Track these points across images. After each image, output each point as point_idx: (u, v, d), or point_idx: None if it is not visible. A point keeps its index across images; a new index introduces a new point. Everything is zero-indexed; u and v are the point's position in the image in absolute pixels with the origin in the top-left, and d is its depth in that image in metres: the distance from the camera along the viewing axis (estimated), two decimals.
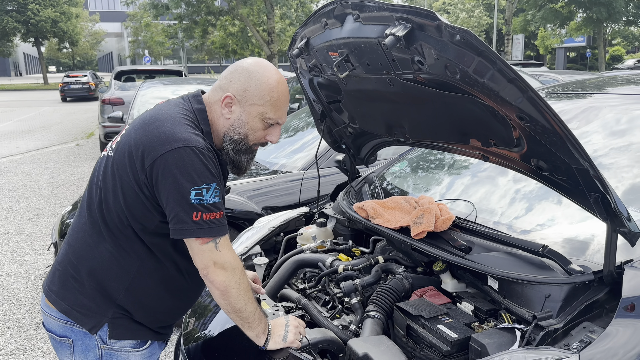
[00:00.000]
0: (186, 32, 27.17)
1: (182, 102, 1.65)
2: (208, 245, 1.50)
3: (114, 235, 1.58)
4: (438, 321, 1.70)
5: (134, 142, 1.53)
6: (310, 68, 2.30)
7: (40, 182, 8.31)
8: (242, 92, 1.60)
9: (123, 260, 1.59)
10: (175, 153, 1.45)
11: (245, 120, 1.62)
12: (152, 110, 1.65)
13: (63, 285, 1.63)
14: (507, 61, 1.36)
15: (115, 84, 11.31)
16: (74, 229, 1.68)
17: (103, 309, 1.59)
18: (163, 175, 1.46)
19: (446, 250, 1.89)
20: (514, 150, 1.67)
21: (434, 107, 1.79)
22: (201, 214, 1.47)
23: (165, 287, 1.65)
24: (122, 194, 1.54)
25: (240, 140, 1.64)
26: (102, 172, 1.61)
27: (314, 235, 2.58)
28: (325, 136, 2.79)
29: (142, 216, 1.54)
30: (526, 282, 1.63)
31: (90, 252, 1.60)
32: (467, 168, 2.59)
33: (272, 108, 1.62)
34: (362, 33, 1.77)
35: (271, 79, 1.60)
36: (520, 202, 2.13)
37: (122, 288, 1.59)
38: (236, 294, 1.55)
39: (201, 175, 1.47)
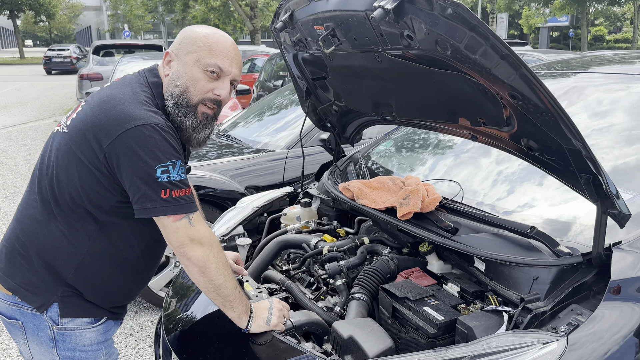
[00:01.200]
0: (167, 6, 26.57)
1: (138, 77, 1.59)
2: (182, 222, 1.46)
3: (64, 214, 1.52)
4: (424, 303, 1.67)
5: (91, 120, 1.47)
6: (295, 43, 2.22)
7: (16, 160, 8.11)
8: (177, 45, 1.58)
9: (74, 239, 1.53)
10: (135, 131, 1.40)
11: (183, 71, 1.54)
12: (109, 88, 1.58)
13: (10, 262, 1.58)
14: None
15: (93, 59, 11.02)
16: (23, 205, 1.61)
17: (52, 287, 1.55)
18: (125, 155, 1.40)
19: (432, 231, 1.86)
20: (503, 130, 1.63)
21: (423, 85, 1.74)
22: (170, 191, 1.42)
23: (117, 267, 1.61)
24: (77, 172, 1.48)
25: (181, 94, 1.54)
26: (56, 149, 1.54)
27: (298, 215, 2.53)
28: (310, 114, 2.72)
29: (97, 196, 1.49)
30: (514, 264, 1.61)
31: (39, 229, 1.54)
32: (452, 148, 2.56)
33: (208, 52, 1.53)
34: (349, 5, 1.70)
35: (206, 29, 1.58)
36: (507, 183, 2.10)
37: (71, 267, 1.54)
38: (215, 269, 1.51)
39: (165, 153, 1.42)
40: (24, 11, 40.96)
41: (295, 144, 4.06)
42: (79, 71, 10.66)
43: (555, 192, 1.91)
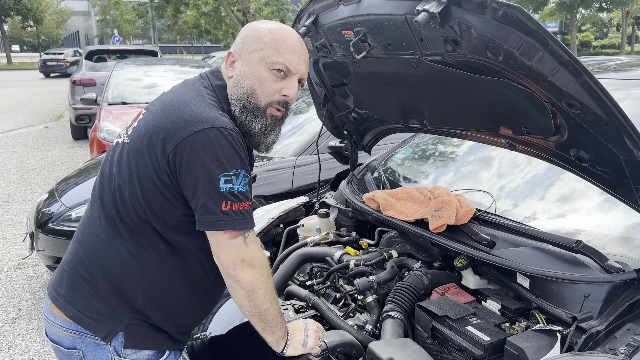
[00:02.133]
0: (157, 11, 26.37)
1: (201, 80, 1.50)
2: (237, 240, 1.35)
3: (130, 231, 1.40)
4: (466, 322, 1.59)
5: (154, 126, 1.36)
6: (318, 48, 2.14)
7: (8, 167, 7.92)
8: (240, 44, 1.47)
9: (142, 259, 1.41)
10: (201, 135, 1.29)
11: (248, 71, 1.44)
12: (171, 93, 1.48)
13: (72, 287, 1.44)
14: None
15: (86, 64, 10.84)
16: (85, 225, 1.49)
17: (118, 314, 1.42)
18: (189, 160, 1.30)
19: (469, 245, 1.78)
20: (550, 139, 1.55)
21: (462, 92, 1.66)
22: (231, 204, 1.31)
23: (188, 287, 1.49)
24: (139, 185, 1.37)
25: (247, 97, 1.44)
26: (117, 162, 1.43)
27: (318, 227, 2.44)
28: (326, 121, 2.64)
29: (162, 210, 1.38)
30: (563, 280, 1.53)
31: (104, 250, 1.42)
32: (477, 154, 2.47)
33: (274, 50, 1.42)
34: (385, 9, 1.62)
35: (268, 25, 1.46)
36: (542, 192, 2.02)
37: (140, 289, 1.42)
38: (263, 295, 1.40)
39: (230, 160, 1.31)
40: (11, 16, 40.49)
41: (303, 151, 3.97)
42: (72, 77, 10.46)
43: (597, 202, 1.84)
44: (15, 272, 4.35)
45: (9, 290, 4.04)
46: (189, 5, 26.23)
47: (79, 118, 9.32)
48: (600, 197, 1.81)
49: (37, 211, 3.82)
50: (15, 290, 4.04)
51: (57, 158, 8.55)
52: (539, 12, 31.19)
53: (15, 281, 4.19)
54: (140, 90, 7.41)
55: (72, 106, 9.44)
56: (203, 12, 26.65)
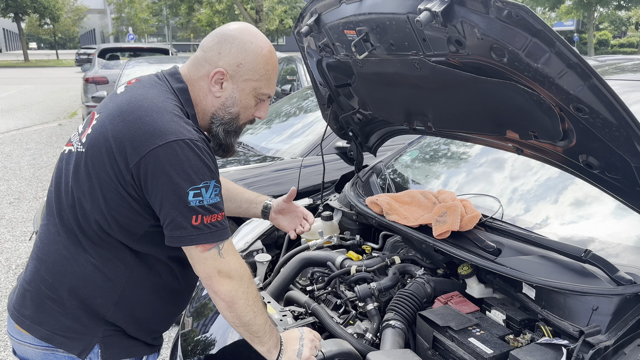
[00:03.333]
0: (171, 9, 26.52)
1: (159, 82, 1.40)
2: (210, 253, 1.30)
3: (94, 244, 1.35)
4: (469, 333, 1.53)
5: (113, 135, 1.28)
6: (321, 48, 2.09)
7: (21, 164, 7.99)
8: (235, 66, 1.40)
9: (109, 272, 1.36)
10: (167, 148, 1.23)
11: (239, 98, 1.43)
12: (127, 95, 1.37)
13: (38, 308, 1.38)
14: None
15: (99, 62, 10.90)
16: (44, 241, 1.42)
17: (91, 329, 1.38)
18: (154, 175, 1.24)
19: (473, 252, 1.72)
20: (558, 144, 1.48)
21: (467, 94, 1.60)
22: (201, 217, 1.27)
23: (158, 294, 1.45)
24: (103, 197, 1.30)
25: (231, 121, 1.46)
26: (74, 172, 1.35)
27: (320, 230, 2.39)
28: (331, 122, 2.59)
29: (128, 222, 1.32)
30: (570, 292, 1.46)
31: (68, 266, 1.36)
32: (485, 158, 2.41)
33: (266, 82, 1.45)
34: (386, 8, 1.56)
35: (265, 49, 1.43)
36: (551, 198, 1.95)
37: (110, 303, 1.38)
38: (244, 305, 1.35)
39: (199, 173, 1.26)
40: (28, 14, 40.99)
41: (309, 151, 3.93)
42: (84, 74, 10.53)
43: (609, 209, 1.77)
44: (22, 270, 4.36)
45: None
46: (202, 3, 26.34)
47: None
48: (612, 204, 1.74)
49: (43, 210, 3.82)
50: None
51: None
52: (556, 10, 30.80)
53: None
54: None
55: (85, 104, 9.50)
56: (216, 10, 26.77)
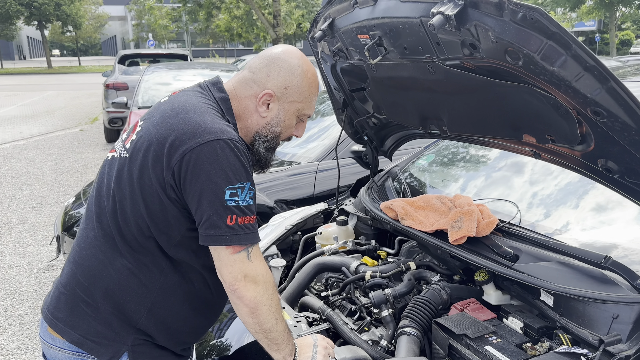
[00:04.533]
0: (190, 15, 26.81)
1: (202, 91, 1.45)
2: (240, 255, 1.30)
3: (132, 249, 1.36)
4: (485, 341, 1.50)
5: (157, 138, 1.32)
6: (334, 52, 2.08)
7: (43, 169, 8.14)
8: (282, 88, 1.46)
9: (144, 277, 1.38)
10: (207, 146, 1.26)
11: (283, 119, 1.49)
12: (170, 102, 1.43)
13: (72, 311, 1.40)
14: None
15: (119, 69, 11.06)
16: (81, 245, 1.44)
17: (122, 336, 1.38)
18: (193, 173, 1.26)
19: (490, 258, 1.69)
20: (576, 149, 1.45)
21: (482, 98, 1.57)
22: (236, 218, 1.27)
23: (190, 303, 1.45)
24: (144, 200, 1.32)
25: (273, 139, 1.51)
26: (116, 177, 1.38)
27: (336, 235, 2.38)
28: (346, 127, 2.58)
29: (166, 225, 1.34)
30: (589, 299, 1.43)
31: (104, 270, 1.38)
32: (503, 162, 2.37)
33: (309, 104, 1.51)
34: (400, 12, 1.55)
35: (310, 72, 1.49)
36: (570, 203, 1.91)
37: (143, 309, 1.39)
38: (267, 312, 1.34)
39: (236, 173, 1.27)
40: (51, 22, 41.83)
41: (325, 156, 3.92)
42: (105, 81, 10.69)
43: (630, 215, 1.72)
44: (44, 274, 4.44)
45: (37, 292, 4.12)
46: (221, 9, 26.59)
47: (111, 121, 9.52)
48: (634, 210, 1.70)
49: (64, 214, 3.88)
50: (43, 292, 4.11)
51: (90, 160, 8.74)
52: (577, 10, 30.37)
53: (43, 283, 4.27)
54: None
55: (106, 109, 9.66)
56: (235, 15, 26.97)
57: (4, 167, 8.30)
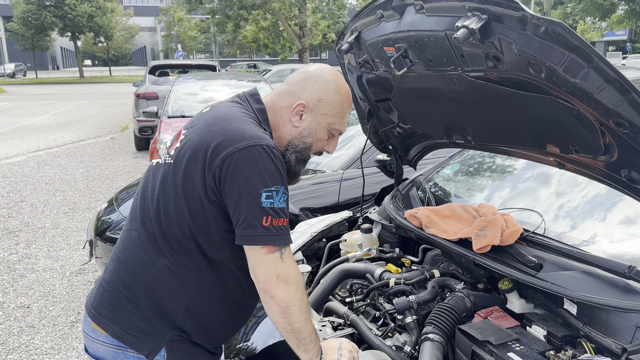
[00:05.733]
0: (219, 27, 27.28)
1: (240, 102, 1.55)
2: (274, 255, 1.36)
3: (173, 249, 1.44)
4: (508, 348, 1.52)
5: (199, 145, 1.40)
6: (361, 64, 2.14)
7: (75, 176, 8.38)
8: (316, 101, 1.53)
9: (183, 276, 1.45)
10: (246, 151, 1.34)
11: (314, 130, 1.55)
12: (212, 112, 1.52)
13: (115, 307, 1.49)
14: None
15: (149, 79, 11.35)
16: (125, 245, 1.53)
17: (161, 332, 1.46)
18: (232, 176, 1.34)
19: (514, 267, 1.71)
20: (599, 159, 1.47)
21: (506, 109, 1.61)
22: (271, 219, 1.34)
23: (225, 303, 1.52)
24: (187, 203, 1.41)
25: (304, 150, 1.57)
26: (161, 182, 1.47)
27: (360, 242, 2.42)
28: (371, 136, 2.63)
29: (206, 226, 1.41)
30: (613, 308, 1.44)
31: (146, 269, 1.46)
32: (527, 172, 2.38)
33: (340, 119, 1.57)
34: (425, 26, 1.60)
35: (344, 89, 1.56)
36: (594, 213, 1.92)
37: (181, 307, 1.46)
38: (298, 312, 1.40)
39: (272, 177, 1.35)
40: (84, 33, 43.08)
41: (350, 164, 3.97)
42: (136, 90, 10.98)
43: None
44: (76, 277, 4.58)
45: (70, 295, 4.26)
46: (248, 21, 27.00)
47: (142, 130, 9.77)
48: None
49: (97, 219, 4.01)
50: (75, 295, 4.25)
51: (121, 168, 8.96)
52: (607, 19, 29.87)
53: (75, 286, 4.41)
54: (198, 104, 7.68)
55: (136, 118, 9.91)
56: (262, 26, 27.36)
57: (38, 173, 8.59)
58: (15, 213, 6.43)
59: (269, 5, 23.81)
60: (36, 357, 3.39)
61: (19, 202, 6.92)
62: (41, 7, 38.53)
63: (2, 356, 3.39)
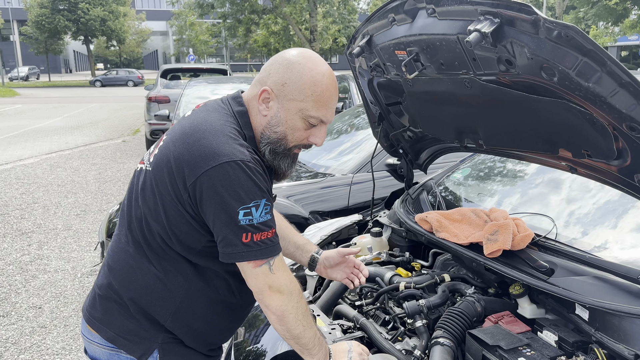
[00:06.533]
0: (230, 31, 27.43)
1: (222, 106, 1.48)
2: (262, 268, 1.36)
3: (158, 256, 1.44)
4: (518, 353, 1.51)
5: (174, 156, 1.37)
6: (372, 68, 2.14)
7: (87, 178, 8.46)
8: (280, 85, 1.41)
9: (169, 283, 1.45)
10: (219, 169, 1.30)
11: (284, 118, 1.42)
12: (191, 118, 1.46)
13: (106, 311, 1.50)
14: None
15: (161, 82, 11.43)
16: (114, 250, 1.54)
17: (152, 334, 1.47)
18: (207, 195, 1.31)
19: (525, 272, 1.70)
20: (612, 164, 1.46)
21: (518, 112, 1.60)
22: (251, 235, 1.33)
23: (215, 308, 1.52)
24: (165, 213, 1.39)
25: (278, 141, 1.45)
26: (141, 189, 1.46)
27: (370, 246, 2.42)
28: (382, 140, 2.63)
29: (187, 237, 1.41)
30: (625, 314, 1.42)
31: (133, 275, 1.47)
32: (539, 177, 2.37)
33: (314, 104, 1.41)
34: (437, 29, 1.60)
35: (314, 71, 1.40)
36: (607, 218, 1.90)
37: (168, 313, 1.46)
38: (294, 319, 1.41)
39: (249, 193, 1.31)
40: (97, 37, 43.57)
41: (360, 168, 3.97)
42: (148, 94, 11.07)
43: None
44: (88, 279, 4.62)
45: (81, 296, 4.29)
46: (259, 25, 27.13)
47: (153, 133, 9.84)
48: None
49: (109, 221, 4.04)
50: (86, 296, 4.28)
51: (132, 170, 9.01)
52: (619, 24, 29.66)
53: (87, 287, 4.45)
54: None
55: (148, 122, 9.98)
56: (272, 31, 27.47)
57: (50, 175, 8.67)
58: (27, 214, 6.50)
59: (280, 10, 23.91)
60: (48, 357, 3.42)
61: (31, 203, 6.99)
62: (55, 11, 39.03)
63: (14, 356, 3.43)
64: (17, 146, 11.58)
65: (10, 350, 3.49)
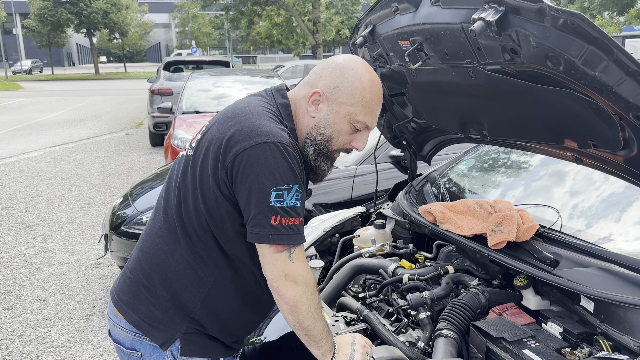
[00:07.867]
0: (232, 23, 27.36)
1: (265, 96, 1.52)
2: (282, 255, 1.36)
3: (191, 242, 1.45)
4: (523, 345, 1.50)
5: (215, 137, 1.40)
6: (375, 58, 2.12)
7: (91, 171, 8.47)
8: (332, 88, 1.45)
9: (200, 269, 1.46)
10: (258, 148, 1.31)
11: (332, 121, 1.45)
12: (234, 105, 1.51)
13: (134, 295, 1.51)
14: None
15: (164, 75, 11.40)
16: (148, 235, 1.56)
17: (176, 323, 1.47)
18: (243, 173, 1.32)
19: (530, 263, 1.69)
20: (618, 154, 1.44)
21: (523, 102, 1.58)
22: (280, 218, 1.33)
23: (242, 298, 1.52)
24: (202, 196, 1.41)
25: (323, 143, 1.47)
26: (182, 173, 1.48)
27: (373, 238, 2.41)
28: (385, 131, 2.61)
29: (221, 220, 1.41)
30: (631, 305, 1.41)
31: (165, 259, 1.48)
32: (543, 167, 2.35)
33: (362, 109, 1.44)
34: (441, 18, 1.58)
35: (365, 77, 1.44)
36: (612, 209, 1.88)
37: (197, 300, 1.47)
38: (306, 311, 1.40)
39: (284, 175, 1.32)
40: (99, 29, 43.46)
41: (363, 160, 3.95)
42: (150, 86, 11.05)
43: None
44: (92, 271, 4.63)
45: (85, 288, 4.31)
46: (262, 17, 27.02)
47: (156, 126, 9.84)
48: None
49: (112, 214, 4.05)
50: (90, 289, 4.30)
51: (136, 163, 9.03)
52: (625, 14, 29.40)
53: (91, 280, 4.46)
54: (211, 100, 7.71)
55: (151, 114, 9.98)
56: (275, 22, 27.36)
57: (54, 168, 8.69)
58: (32, 207, 6.52)
59: (283, 1, 23.81)
60: (52, 349, 3.44)
61: (35, 196, 7.01)
62: (57, 4, 38.95)
63: (19, 348, 3.45)
64: (21, 139, 11.60)
65: (16, 342, 3.51)
